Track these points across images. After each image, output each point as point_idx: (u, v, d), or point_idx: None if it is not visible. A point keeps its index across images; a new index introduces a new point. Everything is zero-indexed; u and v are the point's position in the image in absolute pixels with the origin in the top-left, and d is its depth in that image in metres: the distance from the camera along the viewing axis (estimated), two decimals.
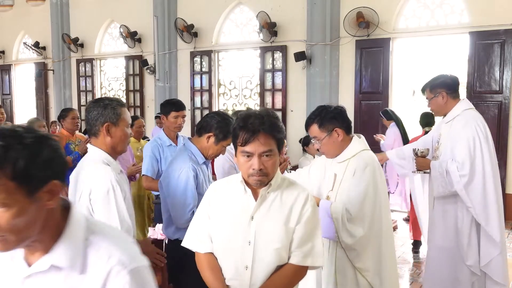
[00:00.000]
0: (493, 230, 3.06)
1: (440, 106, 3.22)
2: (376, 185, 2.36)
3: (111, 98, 2.31)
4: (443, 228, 3.21)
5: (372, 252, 2.35)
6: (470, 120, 3.10)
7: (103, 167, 2.16)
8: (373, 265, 2.35)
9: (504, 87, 6.53)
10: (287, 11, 8.18)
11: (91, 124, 2.24)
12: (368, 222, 2.32)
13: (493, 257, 3.08)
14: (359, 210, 2.33)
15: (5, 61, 12.92)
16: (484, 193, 3.04)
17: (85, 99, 11.36)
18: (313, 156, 5.56)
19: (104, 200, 2.10)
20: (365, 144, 2.51)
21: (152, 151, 3.70)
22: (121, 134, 2.25)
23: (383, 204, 2.39)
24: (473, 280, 3.14)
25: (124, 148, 2.33)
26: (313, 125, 2.48)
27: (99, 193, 2.10)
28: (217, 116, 2.71)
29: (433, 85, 3.23)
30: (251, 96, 9.13)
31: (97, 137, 2.24)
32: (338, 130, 2.45)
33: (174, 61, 9.68)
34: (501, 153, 6.47)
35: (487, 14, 6.58)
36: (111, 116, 2.21)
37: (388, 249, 2.41)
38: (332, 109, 2.48)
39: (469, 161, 3.02)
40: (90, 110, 2.24)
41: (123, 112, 2.26)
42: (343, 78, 7.83)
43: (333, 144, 2.47)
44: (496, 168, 3.14)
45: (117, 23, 10.50)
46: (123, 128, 2.25)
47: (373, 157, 2.46)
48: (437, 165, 3.14)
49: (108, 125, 2.21)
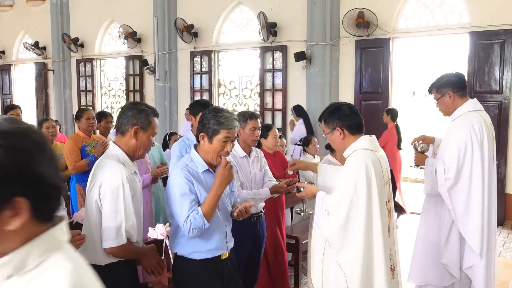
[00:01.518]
0: (471, 237, 3.00)
1: (447, 105, 3.18)
2: (358, 184, 2.37)
3: (148, 105, 2.43)
4: (429, 224, 3.23)
5: (349, 248, 2.37)
6: (467, 124, 3.06)
7: (117, 165, 2.26)
8: (351, 261, 2.37)
9: (504, 87, 6.53)
10: (287, 11, 8.18)
11: (122, 123, 2.35)
12: (343, 217, 2.37)
13: (473, 263, 3.04)
14: (337, 205, 2.41)
15: (5, 61, 12.92)
16: (468, 199, 3.01)
17: (85, 99, 11.37)
18: (313, 156, 5.56)
19: (112, 195, 2.19)
20: (370, 144, 2.51)
21: (180, 151, 3.56)
22: (146, 140, 2.36)
23: (369, 205, 2.37)
24: (452, 281, 3.14)
25: (143, 155, 2.43)
26: (322, 120, 2.63)
27: (108, 188, 2.20)
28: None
29: (439, 85, 3.20)
30: (251, 96, 9.13)
31: (123, 136, 2.35)
32: (339, 129, 2.52)
33: (174, 61, 9.69)
34: (501, 153, 6.47)
35: (487, 14, 6.58)
36: (143, 121, 2.33)
37: (377, 251, 2.39)
38: (341, 108, 2.56)
39: (456, 166, 3.00)
40: (126, 110, 2.37)
41: (154, 121, 2.38)
42: (343, 78, 7.84)
43: (335, 141, 2.58)
44: (491, 175, 3.07)
45: (117, 23, 10.50)
46: (149, 136, 2.37)
47: (368, 156, 2.44)
48: (430, 162, 3.15)
49: (137, 128, 2.32)
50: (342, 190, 2.42)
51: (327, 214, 2.44)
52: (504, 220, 6.46)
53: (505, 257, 5.19)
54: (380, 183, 2.42)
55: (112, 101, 11.25)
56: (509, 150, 6.65)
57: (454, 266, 3.11)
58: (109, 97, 11.30)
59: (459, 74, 3.24)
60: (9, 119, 0.90)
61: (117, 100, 11.14)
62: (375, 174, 2.40)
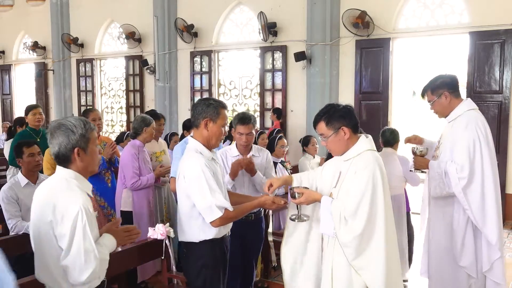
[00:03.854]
0: (490, 232, 3.03)
1: (444, 106, 3.18)
2: (376, 186, 2.35)
3: (215, 99, 2.73)
4: (441, 228, 3.20)
5: (370, 251, 2.34)
6: (471, 121, 3.07)
7: (195, 155, 2.61)
8: (370, 265, 2.34)
9: (504, 87, 6.53)
10: (287, 11, 8.18)
11: (194, 117, 2.67)
12: (364, 221, 2.32)
13: (494, 261, 3.06)
14: (356, 209, 2.34)
15: (5, 61, 12.92)
16: (482, 196, 3.02)
17: (85, 99, 11.37)
18: (312, 156, 5.55)
19: (196, 181, 2.53)
20: (371, 144, 2.50)
21: (182, 153, 3.59)
22: (217, 130, 2.65)
23: (385, 206, 2.38)
24: (470, 282, 3.13)
25: (217, 143, 2.71)
26: (320, 122, 2.51)
27: (191, 176, 2.54)
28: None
29: (434, 86, 3.20)
30: (251, 96, 9.13)
31: (197, 129, 2.66)
32: (345, 128, 2.46)
33: (174, 61, 9.68)
34: (501, 153, 6.47)
35: (487, 14, 6.57)
36: (212, 113, 2.62)
37: (390, 250, 2.39)
38: (341, 108, 2.50)
39: (468, 164, 3.00)
40: (196, 106, 2.68)
41: (222, 112, 2.65)
42: (343, 78, 7.83)
43: (338, 142, 2.49)
44: (496, 170, 3.11)
45: (117, 23, 10.50)
46: (219, 126, 2.65)
47: (377, 157, 2.45)
48: (435, 165, 3.12)
49: (207, 120, 2.62)
50: (360, 194, 2.35)
51: (344, 219, 2.35)
52: (504, 220, 6.45)
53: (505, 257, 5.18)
54: (385, 185, 2.44)
55: (112, 101, 11.24)
56: (509, 150, 6.65)
57: (472, 267, 3.10)
58: (109, 97, 11.30)
59: (452, 75, 3.25)
60: None
61: (117, 100, 11.14)
62: (384, 176, 2.43)
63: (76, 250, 1.93)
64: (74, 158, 2.07)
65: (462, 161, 3.01)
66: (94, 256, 1.96)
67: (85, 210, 1.95)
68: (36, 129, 5.18)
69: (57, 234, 1.96)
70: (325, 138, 2.51)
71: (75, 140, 2.05)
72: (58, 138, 2.05)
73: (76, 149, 2.06)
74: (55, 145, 2.07)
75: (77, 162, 2.08)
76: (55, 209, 1.96)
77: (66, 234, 1.94)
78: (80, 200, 1.96)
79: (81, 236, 1.93)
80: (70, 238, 1.93)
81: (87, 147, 2.09)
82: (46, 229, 1.98)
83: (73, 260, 1.94)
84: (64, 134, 2.05)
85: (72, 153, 2.06)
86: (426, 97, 3.28)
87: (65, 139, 2.04)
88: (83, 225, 1.94)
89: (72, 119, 2.10)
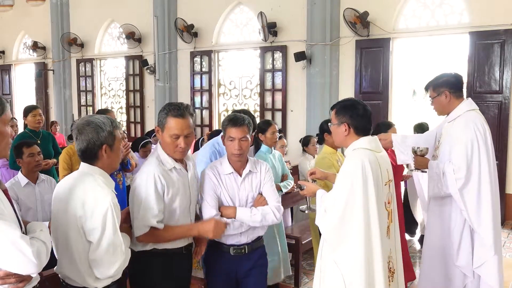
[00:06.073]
0: (485, 233, 3.02)
1: (443, 105, 3.19)
2: (354, 182, 2.33)
3: (175, 104, 2.45)
4: (438, 227, 3.20)
5: (350, 248, 2.35)
6: (470, 122, 3.06)
7: (152, 163, 2.46)
8: (347, 259, 2.35)
9: (504, 87, 6.53)
10: (287, 11, 8.18)
11: None
12: (338, 216, 2.35)
13: (486, 260, 3.05)
14: (332, 203, 2.39)
15: (5, 61, 12.93)
16: (479, 197, 3.01)
17: (85, 99, 11.38)
18: (312, 156, 5.55)
19: (137, 190, 2.43)
20: (367, 143, 2.47)
21: (210, 157, 3.37)
22: (166, 139, 2.44)
23: (369, 205, 2.34)
24: (465, 282, 3.13)
25: (175, 155, 2.49)
26: (334, 109, 2.57)
27: (137, 183, 2.43)
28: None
29: (436, 83, 3.20)
30: (251, 96, 9.13)
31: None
32: (346, 125, 2.48)
33: (174, 61, 9.69)
34: (501, 153, 6.47)
35: (487, 14, 6.57)
36: (160, 120, 2.45)
37: (375, 252, 2.36)
38: (352, 104, 2.54)
39: (465, 165, 3.00)
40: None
41: (170, 121, 2.41)
42: (343, 78, 7.83)
43: (337, 135, 2.55)
44: (494, 171, 3.10)
45: (117, 23, 10.50)
46: (167, 136, 2.43)
47: (366, 155, 2.41)
48: (434, 165, 3.12)
49: (158, 128, 2.50)
50: (338, 188, 2.40)
51: (324, 211, 2.43)
52: (504, 220, 6.45)
53: (505, 257, 5.18)
54: (377, 183, 2.38)
55: (112, 101, 11.25)
56: (509, 150, 6.65)
57: (469, 266, 3.10)
58: (109, 97, 11.30)
59: (457, 75, 3.24)
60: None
61: (117, 100, 11.15)
62: (372, 173, 2.36)
63: (106, 245, 2.00)
64: (102, 155, 2.11)
65: (459, 161, 3.01)
66: (121, 251, 2.05)
67: (114, 205, 2.02)
68: (36, 130, 5.05)
69: (86, 229, 2.00)
70: (330, 125, 2.59)
71: (104, 137, 2.10)
72: (88, 135, 2.09)
73: (104, 146, 2.10)
74: (84, 141, 2.10)
75: (104, 159, 2.12)
76: (84, 204, 2.00)
77: (97, 229, 1.99)
78: (109, 196, 2.02)
79: (111, 231, 2.00)
80: (101, 233, 1.99)
81: (113, 144, 2.14)
82: (74, 223, 2.02)
83: (103, 254, 2.01)
84: (94, 131, 2.09)
85: (100, 149, 2.10)
86: (428, 92, 3.28)
87: (94, 135, 2.09)
88: (113, 221, 2.00)
89: (99, 117, 2.16)
